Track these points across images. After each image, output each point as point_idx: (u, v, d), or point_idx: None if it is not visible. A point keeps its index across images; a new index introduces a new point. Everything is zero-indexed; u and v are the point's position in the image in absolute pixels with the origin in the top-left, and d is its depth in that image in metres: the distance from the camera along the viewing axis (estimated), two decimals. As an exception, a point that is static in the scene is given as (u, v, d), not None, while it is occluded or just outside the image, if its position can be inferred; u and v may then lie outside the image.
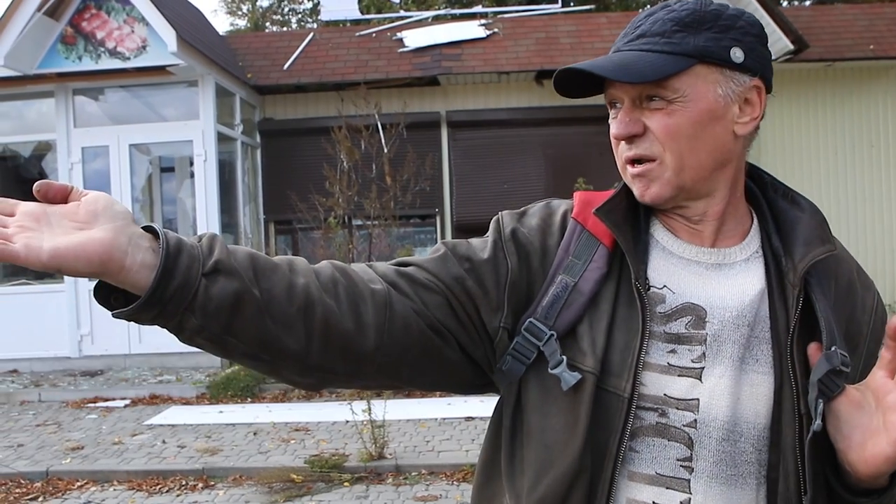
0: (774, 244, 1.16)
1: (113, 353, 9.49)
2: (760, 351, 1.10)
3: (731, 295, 1.11)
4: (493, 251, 1.15)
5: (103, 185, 9.62)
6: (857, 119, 10.85)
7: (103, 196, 0.97)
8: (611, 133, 1.12)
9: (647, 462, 1.08)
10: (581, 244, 1.14)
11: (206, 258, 0.98)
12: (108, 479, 5.85)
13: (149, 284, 0.93)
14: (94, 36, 9.04)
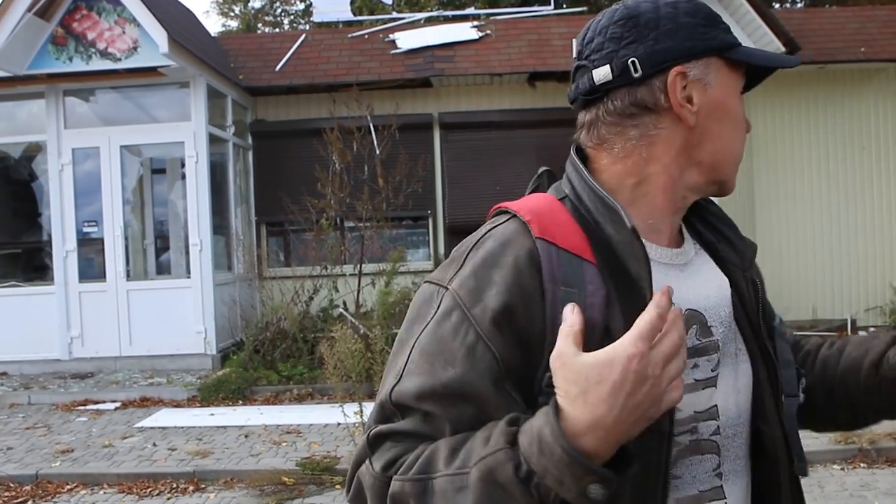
0: (704, 234, 1.20)
1: (103, 356, 9.44)
2: (740, 340, 1.15)
3: (712, 293, 1.12)
4: (485, 364, 0.95)
5: (94, 187, 9.59)
6: (848, 121, 10.88)
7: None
8: (749, 125, 1.16)
9: (688, 484, 1.06)
10: (565, 267, 1.00)
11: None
12: (98, 482, 5.81)
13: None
14: (84, 37, 9.00)
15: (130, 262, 9.83)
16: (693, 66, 1.06)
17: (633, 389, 0.84)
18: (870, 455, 5.60)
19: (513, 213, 1.06)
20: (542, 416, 0.87)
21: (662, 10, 1.07)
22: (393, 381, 0.99)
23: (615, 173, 1.09)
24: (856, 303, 10.87)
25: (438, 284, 1.03)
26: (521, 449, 0.86)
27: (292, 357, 8.77)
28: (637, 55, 1.05)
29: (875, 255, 10.87)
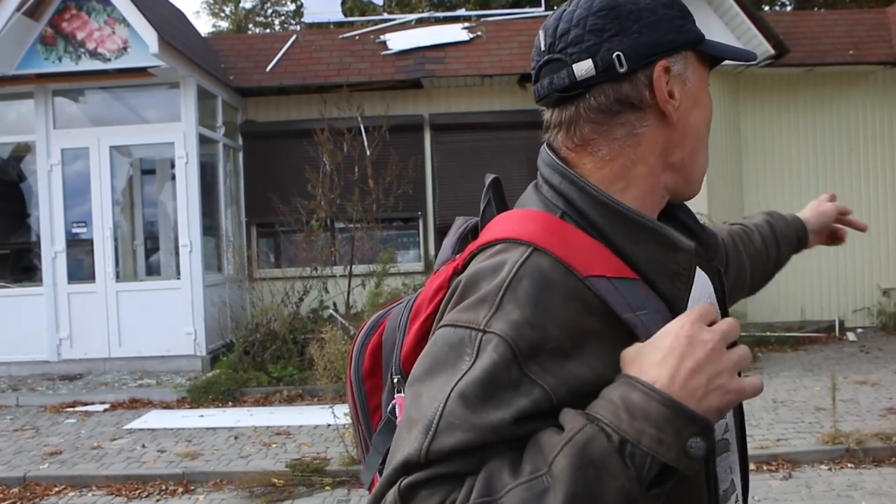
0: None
1: (92, 357, 9.41)
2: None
3: (700, 294, 1.10)
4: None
5: (83, 188, 9.56)
6: (836, 123, 10.95)
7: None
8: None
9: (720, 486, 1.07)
10: (629, 293, 0.94)
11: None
12: (86, 485, 5.79)
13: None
14: (74, 37, 8.97)
15: (120, 263, 9.80)
16: (675, 61, 1.02)
17: (685, 352, 0.85)
18: (857, 455, 5.63)
19: (535, 245, 0.94)
20: (619, 387, 0.85)
21: (642, 2, 1.01)
22: (423, 437, 0.85)
23: (603, 178, 1.02)
24: (843, 304, 10.93)
25: (470, 327, 0.90)
26: (606, 421, 0.82)
27: (282, 358, 8.75)
28: (622, 48, 0.99)
29: (863, 256, 10.93)
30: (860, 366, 8.49)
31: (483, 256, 0.98)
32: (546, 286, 0.91)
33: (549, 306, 0.90)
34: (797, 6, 21.10)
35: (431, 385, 0.89)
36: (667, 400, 0.81)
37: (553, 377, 0.87)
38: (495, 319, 0.89)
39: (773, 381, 7.94)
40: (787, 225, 1.63)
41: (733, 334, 0.88)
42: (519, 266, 0.92)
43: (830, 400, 6.30)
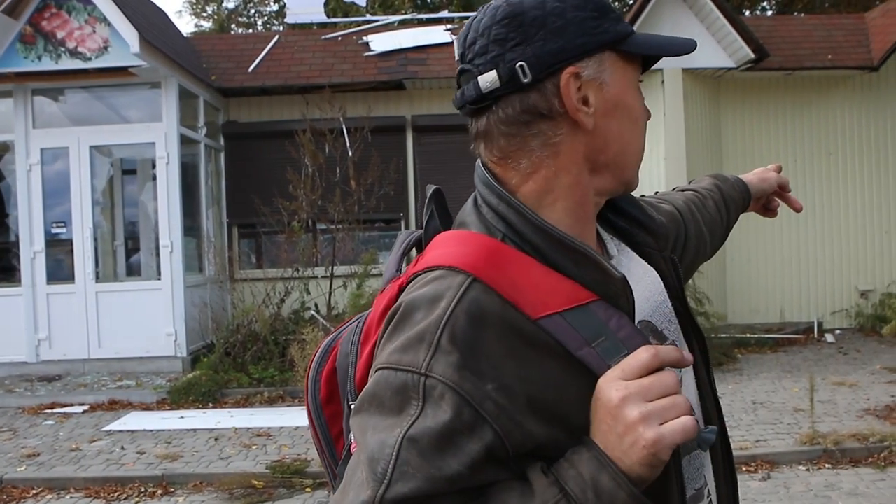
0: (616, 223, 1.15)
1: (71, 358, 9.34)
2: (675, 323, 1.14)
3: (650, 294, 1.10)
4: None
5: (63, 187, 9.49)
6: (815, 127, 11.05)
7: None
8: (650, 114, 1.06)
9: (688, 486, 1.07)
10: (583, 324, 0.92)
11: None
12: (64, 487, 5.75)
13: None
14: (54, 36, 8.90)
15: (100, 264, 9.74)
16: (587, 65, 0.97)
17: (621, 428, 0.85)
18: (834, 456, 5.68)
19: (474, 277, 0.91)
20: (591, 462, 0.85)
21: (549, 5, 0.96)
22: (377, 485, 0.84)
23: (532, 192, 0.99)
24: (822, 306, 11.02)
25: (411, 371, 0.87)
26: (574, 496, 0.84)
27: (263, 359, 8.72)
28: (525, 58, 0.95)
29: (841, 259, 11.04)
30: (838, 367, 8.56)
31: (421, 282, 0.95)
32: (482, 324, 0.88)
33: (486, 346, 0.88)
34: (777, 11, 21.28)
35: (377, 426, 0.88)
36: (633, 494, 0.83)
37: (506, 419, 0.86)
38: (435, 362, 0.86)
39: (753, 382, 8.00)
40: (733, 187, 1.65)
41: (662, 386, 0.87)
42: (457, 301, 0.89)
43: (809, 401, 6.36)
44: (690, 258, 1.46)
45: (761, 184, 1.71)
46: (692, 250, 1.46)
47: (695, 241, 1.46)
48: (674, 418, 0.84)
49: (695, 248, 1.46)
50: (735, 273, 10.86)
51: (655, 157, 10.05)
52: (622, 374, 0.86)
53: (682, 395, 0.86)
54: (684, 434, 0.83)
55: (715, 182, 1.65)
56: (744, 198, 1.67)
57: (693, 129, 10.13)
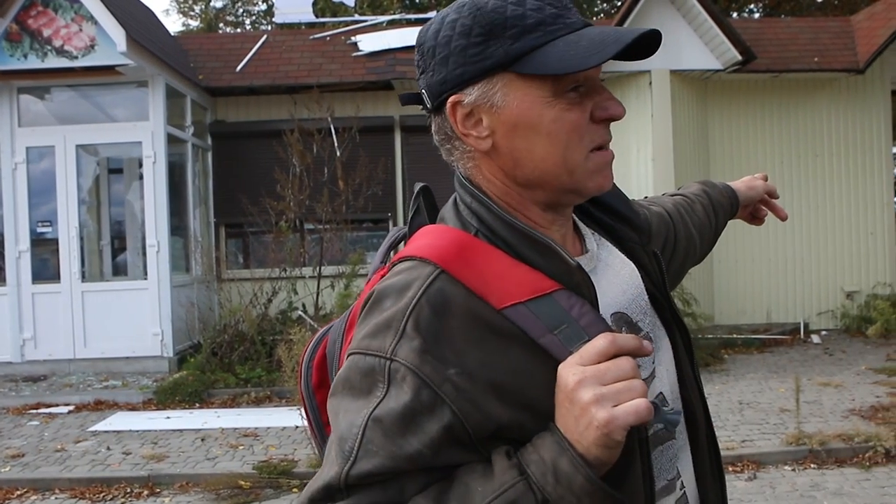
0: (600, 218, 1.19)
1: (57, 358, 9.28)
2: (656, 317, 1.16)
3: (627, 286, 1.12)
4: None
5: (49, 186, 9.43)
6: (802, 129, 11.11)
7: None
8: (609, 113, 1.01)
9: (659, 477, 1.07)
10: (545, 312, 0.96)
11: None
12: (49, 488, 5.71)
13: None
14: (40, 34, 8.85)
15: (86, 263, 9.68)
16: (470, 92, 0.99)
17: (577, 411, 0.88)
18: (820, 456, 5.71)
19: (441, 269, 0.96)
20: (552, 446, 0.88)
21: (440, 36, 1.00)
22: (343, 462, 0.90)
23: (493, 195, 1.05)
24: (808, 307, 11.09)
25: (378, 356, 0.93)
26: (535, 479, 0.87)
27: (250, 360, 8.70)
28: (424, 86, 1.04)
29: (827, 260, 11.10)
30: (824, 368, 8.61)
31: (395, 271, 1.01)
32: (446, 312, 0.93)
33: (449, 333, 0.92)
34: (764, 13, 21.38)
35: (347, 408, 0.94)
36: (590, 477, 0.85)
37: (464, 401, 0.90)
38: (400, 347, 0.92)
39: (739, 382, 8.04)
40: (722, 193, 1.68)
41: (617, 370, 0.88)
42: (423, 291, 0.94)
43: (795, 401, 6.39)
44: (680, 260, 1.49)
45: (749, 191, 1.75)
46: (681, 252, 1.48)
47: (684, 243, 1.49)
48: (628, 401, 0.86)
49: (684, 250, 1.49)
50: (722, 274, 10.91)
51: (643, 158, 10.09)
52: (580, 359, 0.89)
53: (638, 379, 0.88)
54: (637, 415, 0.85)
55: (703, 188, 1.68)
56: (732, 203, 1.70)
57: (680, 131, 10.17)
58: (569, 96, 0.99)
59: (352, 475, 0.90)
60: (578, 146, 1.00)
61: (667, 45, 10.01)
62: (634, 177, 10.21)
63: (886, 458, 5.67)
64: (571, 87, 0.99)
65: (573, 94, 0.99)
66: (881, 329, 10.03)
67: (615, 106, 1.01)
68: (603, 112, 1.01)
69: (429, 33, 1.03)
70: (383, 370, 0.92)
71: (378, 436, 0.90)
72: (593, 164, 1.01)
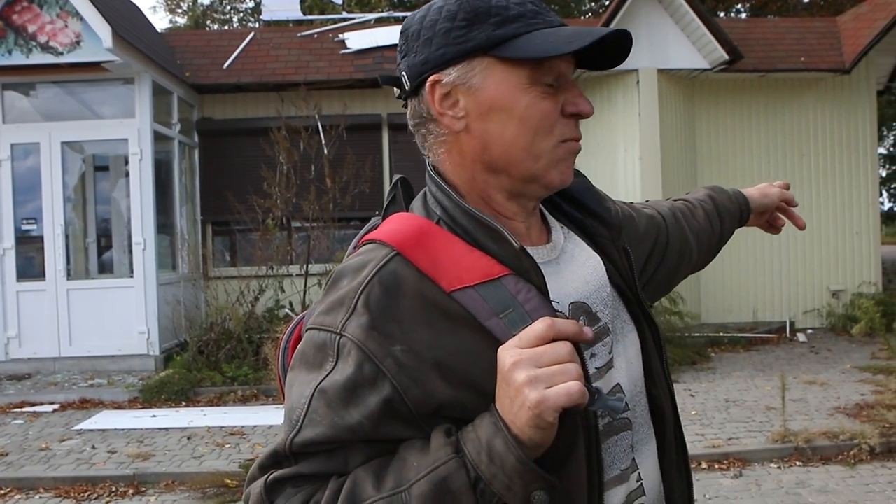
0: (570, 213, 1.22)
1: (42, 357, 9.22)
2: (621, 310, 1.18)
3: (590, 277, 1.14)
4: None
5: (34, 184, 9.37)
6: (788, 129, 11.16)
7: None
8: (578, 109, 1.05)
9: (611, 466, 1.08)
10: (493, 296, 0.99)
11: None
12: (33, 487, 5.67)
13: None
14: (25, 29, 8.78)
15: (71, 261, 9.62)
16: (450, 73, 1.03)
17: (512, 392, 0.89)
18: (805, 454, 5.74)
19: (397, 251, 1.00)
20: (488, 426, 0.91)
21: (426, 20, 1.05)
22: (289, 430, 0.96)
23: (458, 182, 1.09)
24: (794, 305, 11.14)
25: (329, 331, 0.98)
26: (470, 457, 0.90)
27: (237, 358, 8.67)
28: (405, 68, 1.07)
29: (813, 259, 11.16)
30: (810, 366, 8.66)
31: (356, 253, 1.07)
32: (396, 292, 0.97)
33: (397, 311, 0.96)
34: (751, 13, 21.48)
35: (300, 381, 0.99)
36: (522, 458, 0.87)
37: (405, 376, 0.94)
38: (349, 323, 0.96)
39: (726, 380, 8.07)
40: (730, 199, 1.68)
41: (542, 341, 0.90)
42: (376, 271, 0.99)
43: (780, 399, 6.42)
44: (673, 262, 1.49)
45: (763, 199, 1.74)
46: (675, 254, 1.49)
47: (677, 246, 1.50)
48: (560, 383, 0.87)
49: (677, 254, 1.50)
50: (709, 273, 10.94)
51: (630, 157, 10.11)
52: (518, 342, 0.91)
53: (574, 364, 0.89)
54: (568, 397, 0.86)
55: (709, 193, 1.69)
56: (741, 210, 1.69)
57: (668, 130, 10.20)
58: (544, 87, 1.04)
59: (296, 442, 0.95)
60: (548, 135, 1.05)
61: (654, 45, 10.08)
62: (622, 175, 10.23)
63: (871, 455, 5.70)
64: (547, 81, 1.04)
65: (548, 86, 1.04)
66: (866, 328, 10.07)
67: (584, 103, 1.06)
68: (573, 107, 1.06)
69: (415, 18, 1.08)
70: (333, 344, 0.97)
71: (322, 406, 0.95)
72: (558, 155, 1.06)
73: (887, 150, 25.12)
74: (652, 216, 1.46)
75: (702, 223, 1.59)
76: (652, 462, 1.16)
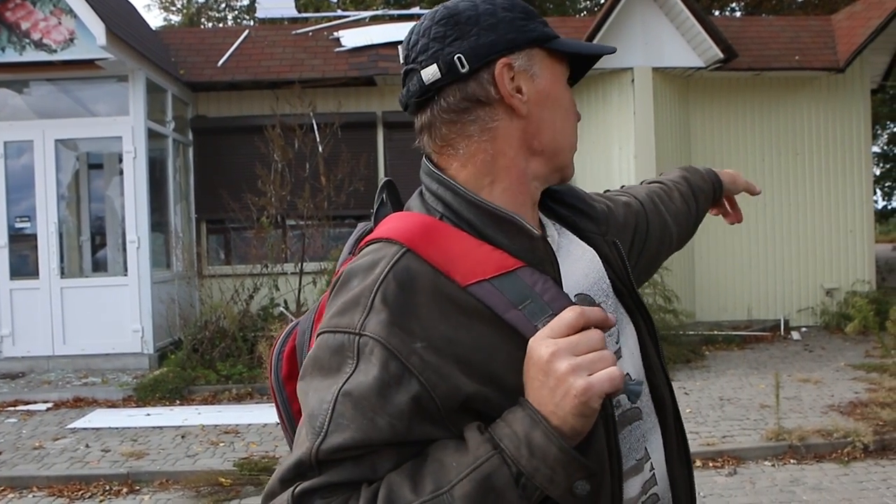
0: (557, 211, 1.24)
1: (35, 355, 9.19)
2: (619, 304, 1.20)
3: (589, 270, 1.16)
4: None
5: (27, 182, 9.34)
6: (783, 127, 11.17)
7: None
8: (578, 114, 1.18)
9: (626, 457, 1.09)
10: (510, 289, 0.99)
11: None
12: (27, 486, 5.65)
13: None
14: (18, 26, 8.74)
15: (65, 259, 9.59)
16: (518, 57, 1.08)
17: (552, 382, 0.89)
18: (799, 451, 5.75)
19: (407, 247, 1.00)
20: (523, 419, 0.90)
21: (481, 7, 1.08)
22: (314, 438, 0.91)
23: (470, 176, 1.08)
24: (789, 303, 11.16)
25: (347, 332, 0.95)
26: (509, 452, 0.89)
27: (231, 356, 8.65)
28: (462, 51, 1.06)
29: (807, 257, 11.18)
30: (804, 364, 8.67)
31: (362, 254, 1.05)
32: (413, 288, 0.96)
33: (416, 307, 0.95)
34: (746, 12, 21.50)
35: (316, 387, 0.95)
36: (565, 448, 0.87)
37: (431, 372, 0.92)
38: (368, 321, 0.94)
39: (720, 379, 8.08)
40: (703, 179, 1.72)
41: (586, 342, 0.91)
42: (390, 268, 0.98)
43: (775, 397, 6.43)
44: (654, 248, 1.50)
45: (731, 185, 1.79)
46: (655, 240, 1.50)
47: (658, 231, 1.51)
48: (601, 370, 0.88)
49: (657, 239, 1.51)
50: (703, 271, 10.96)
51: (625, 155, 10.11)
52: (551, 332, 0.91)
53: (608, 350, 0.91)
54: (612, 382, 0.87)
55: (684, 174, 1.71)
56: (714, 189, 1.74)
57: (662, 128, 10.20)
58: (567, 86, 1.14)
59: (322, 450, 0.91)
60: (575, 130, 1.15)
61: (649, 43, 10.08)
62: (617, 173, 10.23)
63: (865, 453, 5.72)
64: (568, 78, 1.14)
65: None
66: (860, 326, 10.11)
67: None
68: (578, 115, 1.17)
69: (464, 5, 1.09)
70: (353, 345, 0.94)
71: (349, 409, 0.91)
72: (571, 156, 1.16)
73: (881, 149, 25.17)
74: (628, 203, 1.47)
75: (678, 206, 1.60)
76: (659, 451, 1.18)
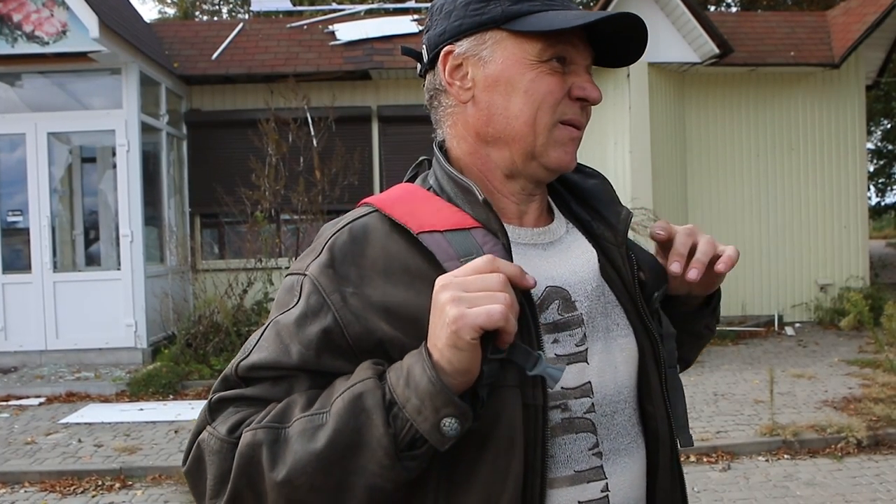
0: (578, 213, 1.22)
1: (28, 350, 9.15)
2: (616, 314, 1.14)
3: (579, 268, 1.13)
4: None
5: (20, 175, 9.29)
6: (777, 123, 11.18)
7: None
8: (585, 93, 1.08)
9: (563, 464, 1.04)
10: (459, 242, 1.01)
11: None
12: (18, 481, 5.63)
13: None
14: (9, 19, 8.68)
15: (58, 253, 9.55)
16: (463, 43, 1.08)
17: (436, 314, 0.91)
18: (793, 447, 5.76)
19: (377, 209, 1.07)
20: (413, 355, 0.93)
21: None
22: (240, 356, 1.03)
23: (460, 156, 1.13)
24: (783, 299, 11.18)
25: (297, 273, 1.05)
26: (389, 381, 0.92)
27: (225, 351, 8.62)
28: (426, 41, 1.13)
29: (801, 253, 11.19)
30: (798, 359, 8.69)
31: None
32: (363, 240, 1.04)
33: (360, 258, 1.02)
34: (741, 7, 21.50)
35: (267, 320, 1.06)
36: (434, 379, 0.88)
37: (348, 312, 0.99)
38: (312, 264, 1.04)
39: (714, 374, 8.09)
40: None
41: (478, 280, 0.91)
42: (350, 222, 1.07)
43: (769, 393, 6.43)
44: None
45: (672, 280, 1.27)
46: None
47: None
48: (484, 304, 0.88)
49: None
50: (698, 266, 10.94)
51: (620, 150, 10.10)
52: (455, 273, 0.93)
53: (504, 293, 0.89)
54: (488, 317, 0.86)
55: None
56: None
57: (658, 123, 10.19)
58: (551, 64, 1.06)
59: (241, 366, 1.02)
60: (550, 111, 1.07)
61: (645, 37, 10.05)
62: (612, 168, 10.21)
63: (858, 448, 5.73)
64: (554, 56, 1.06)
65: (556, 63, 1.07)
66: (854, 321, 10.10)
67: (592, 89, 1.08)
68: (580, 91, 1.08)
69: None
70: (298, 284, 1.04)
71: (272, 335, 1.02)
72: (559, 135, 1.08)
73: (875, 145, 25.21)
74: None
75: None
76: (631, 479, 1.10)
